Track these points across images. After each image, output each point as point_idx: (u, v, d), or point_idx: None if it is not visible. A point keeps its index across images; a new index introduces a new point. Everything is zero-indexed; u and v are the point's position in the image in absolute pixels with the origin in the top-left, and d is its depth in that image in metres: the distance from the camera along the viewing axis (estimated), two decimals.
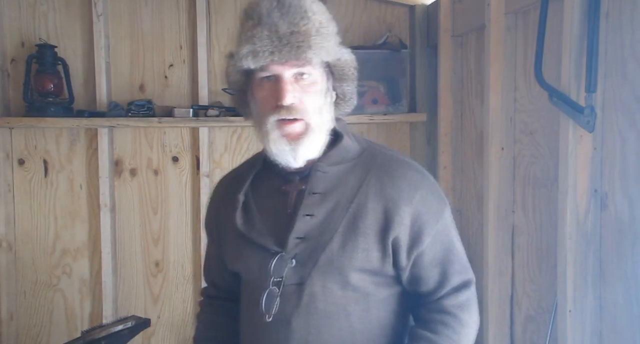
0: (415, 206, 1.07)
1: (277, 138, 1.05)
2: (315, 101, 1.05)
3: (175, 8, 2.57)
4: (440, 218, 1.09)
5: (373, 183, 1.08)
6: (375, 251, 1.06)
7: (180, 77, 2.59)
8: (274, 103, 1.03)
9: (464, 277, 1.12)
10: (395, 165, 1.11)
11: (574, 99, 1.37)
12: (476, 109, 2.16)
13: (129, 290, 2.62)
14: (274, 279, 1.05)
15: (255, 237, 1.09)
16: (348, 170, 1.10)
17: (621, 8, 1.30)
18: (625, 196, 1.30)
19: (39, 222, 2.58)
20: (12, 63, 2.53)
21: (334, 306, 1.06)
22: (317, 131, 1.06)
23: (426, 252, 1.08)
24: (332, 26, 1.06)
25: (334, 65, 1.08)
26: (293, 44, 0.99)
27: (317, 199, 1.07)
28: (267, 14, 1.00)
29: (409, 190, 1.07)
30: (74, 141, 2.57)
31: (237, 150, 2.62)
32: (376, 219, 1.06)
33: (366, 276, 1.07)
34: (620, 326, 1.32)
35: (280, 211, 1.10)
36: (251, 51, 1.00)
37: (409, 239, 1.06)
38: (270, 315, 1.05)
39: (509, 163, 1.84)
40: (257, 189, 1.15)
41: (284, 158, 1.07)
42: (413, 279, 1.10)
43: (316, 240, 1.05)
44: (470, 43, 2.21)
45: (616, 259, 1.33)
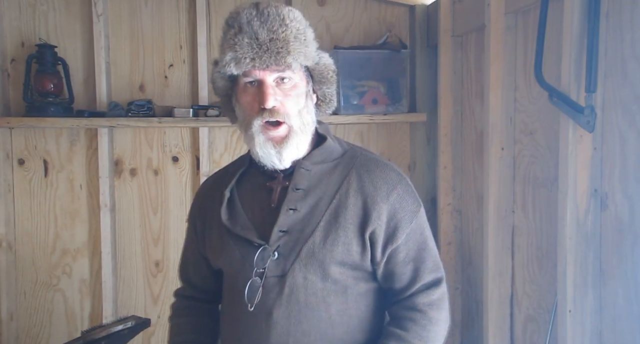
0: (392, 204, 1.13)
1: (263, 142, 1.11)
2: (297, 104, 1.11)
3: (175, 8, 2.57)
4: (415, 217, 1.15)
5: (353, 180, 1.14)
6: (355, 245, 1.11)
7: (180, 77, 2.59)
8: (257, 106, 1.09)
9: (435, 275, 1.17)
10: (375, 165, 1.18)
11: (574, 99, 1.38)
12: (476, 109, 2.16)
13: (129, 290, 2.62)
14: (256, 271, 1.10)
15: (239, 231, 1.14)
16: (330, 169, 1.16)
17: (621, 8, 1.30)
18: (625, 196, 1.30)
19: (39, 222, 2.58)
20: (12, 63, 2.53)
21: (314, 297, 1.10)
22: (299, 133, 1.12)
23: (400, 249, 1.14)
24: (309, 32, 1.13)
25: (313, 69, 1.16)
26: (273, 50, 1.06)
27: (301, 194, 1.13)
28: (247, 23, 1.07)
29: (386, 188, 1.14)
30: (74, 141, 2.57)
31: (237, 150, 2.62)
32: (356, 214, 1.12)
33: (346, 269, 1.12)
34: (620, 326, 1.32)
35: (265, 206, 1.15)
36: (233, 58, 1.08)
37: (384, 234, 1.12)
38: (253, 305, 1.09)
39: (509, 163, 1.84)
40: (243, 186, 1.20)
41: (269, 160, 1.13)
42: (387, 275, 1.16)
43: (299, 233, 1.11)
44: (470, 43, 2.21)
45: (616, 259, 1.33)
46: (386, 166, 1.19)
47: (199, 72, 2.52)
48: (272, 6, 1.10)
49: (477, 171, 2.14)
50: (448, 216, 2.38)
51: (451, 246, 2.36)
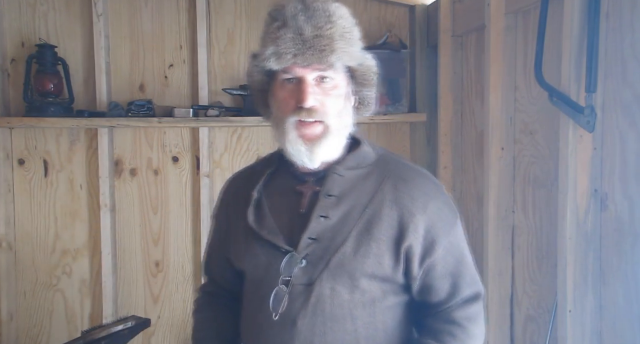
0: (429, 216, 1.07)
1: (295, 139, 1.06)
2: (336, 104, 1.06)
3: (175, 8, 2.57)
4: (452, 229, 1.10)
5: (388, 190, 1.08)
6: (387, 258, 1.06)
7: (180, 77, 2.59)
8: (295, 104, 1.04)
9: (474, 289, 1.12)
10: (411, 174, 1.12)
11: (574, 99, 1.38)
12: (476, 109, 2.16)
13: (129, 290, 2.62)
14: (282, 278, 1.05)
15: (266, 235, 1.09)
16: (364, 175, 1.11)
17: (621, 9, 1.30)
18: (625, 196, 1.30)
19: (39, 222, 2.58)
20: (12, 63, 2.53)
21: (340, 309, 1.06)
22: (335, 134, 1.07)
23: (438, 263, 1.09)
24: (355, 31, 1.09)
25: (355, 70, 1.10)
26: (316, 47, 1.01)
27: (333, 201, 1.07)
28: (292, 17, 1.02)
29: (423, 200, 1.08)
30: (74, 141, 2.57)
31: (237, 150, 2.62)
32: (390, 227, 1.06)
33: (375, 282, 1.07)
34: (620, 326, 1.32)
35: (293, 211, 1.10)
36: (275, 52, 1.02)
37: (421, 248, 1.07)
38: (277, 313, 1.05)
39: (509, 163, 1.84)
40: (271, 187, 1.15)
41: (300, 158, 1.07)
42: (424, 289, 1.10)
43: (328, 242, 1.06)
44: (470, 43, 2.21)
45: (616, 259, 1.33)
46: (422, 175, 1.14)
47: (199, 72, 2.52)
48: (319, 1, 1.04)
49: (477, 171, 2.14)
50: None
51: None
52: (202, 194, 2.54)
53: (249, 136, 2.62)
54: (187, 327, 2.65)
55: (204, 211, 2.55)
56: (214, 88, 2.58)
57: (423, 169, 1.18)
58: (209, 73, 2.56)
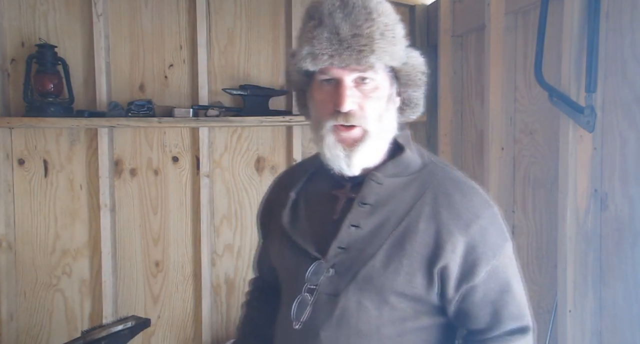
0: (471, 236, 0.98)
1: (332, 143, 1.00)
2: (376, 107, 0.99)
3: (175, 8, 2.57)
4: (498, 253, 1.00)
5: (428, 203, 1.00)
6: (419, 277, 0.98)
7: (180, 77, 2.59)
8: (332, 108, 0.98)
9: (519, 323, 1.02)
10: (456, 187, 1.02)
11: (574, 99, 1.38)
12: (476, 109, 2.16)
13: (129, 290, 2.62)
14: (308, 286, 1.01)
15: (298, 239, 1.05)
16: (404, 185, 1.03)
17: (621, 9, 1.30)
18: (625, 196, 1.30)
19: (39, 222, 2.58)
20: (12, 63, 2.53)
21: (367, 325, 0.99)
22: (374, 139, 1.00)
23: (478, 288, 0.99)
24: (398, 28, 1.01)
25: (399, 70, 1.03)
26: (354, 47, 0.94)
27: (367, 210, 1.01)
28: (329, 15, 0.95)
29: (467, 217, 0.99)
30: (74, 141, 2.57)
31: (237, 150, 2.62)
32: (425, 243, 0.98)
33: (406, 300, 1.00)
34: (620, 326, 1.32)
35: (326, 217, 1.05)
36: (310, 53, 0.96)
37: (459, 271, 0.98)
38: (299, 323, 1.01)
39: (509, 163, 1.84)
40: (310, 189, 1.11)
41: (337, 164, 1.01)
42: (460, 314, 1.02)
43: (358, 253, 0.99)
44: (470, 43, 2.21)
45: (616, 259, 1.33)
46: (470, 190, 1.03)
47: (199, 72, 2.52)
48: None
49: (477, 171, 2.14)
50: None
51: None
52: (202, 194, 2.54)
53: (249, 136, 2.62)
54: (187, 327, 2.65)
55: (204, 211, 2.55)
56: (214, 88, 2.58)
57: (474, 183, 1.06)
58: (209, 73, 2.56)
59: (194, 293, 2.63)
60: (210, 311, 2.59)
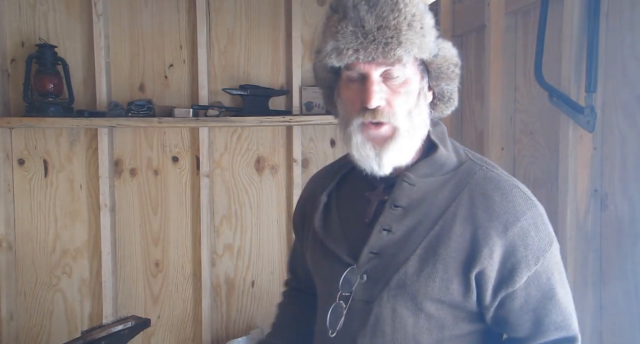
0: (511, 239, 0.92)
1: (361, 143, 0.95)
2: (406, 103, 0.94)
3: (175, 8, 2.57)
4: (541, 257, 0.94)
5: (464, 204, 0.95)
6: (455, 283, 0.93)
7: (180, 77, 2.59)
8: (359, 105, 0.94)
9: (564, 333, 0.96)
10: (496, 186, 0.96)
11: (574, 99, 1.37)
12: (476, 109, 2.16)
13: (129, 290, 2.62)
14: (342, 294, 0.98)
15: (330, 243, 1.02)
16: (439, 185, 0.98)
17: (621, 8, 1.30)
18: (625, 196, 1.30)
19: (39, 222, 2.58)
20: (12, 63, 2.53)
21: (403, 333, 0.96)
22: (405, 136, 0.95)
23: (517, 295, 0.94)
24: (427, 18, 0.94)
25: (430, 63, 0.97)
26: (380, 40, 0.89)
27: (399, 213, 0.96)
28: (353, 7, 0.90)
29: (506, 219, 0.93)
30: (74, 141, 2.57)
31: (237, 150, 2.62)
32: (461, 248, 0.93)
33: (444, 307, 0.95)
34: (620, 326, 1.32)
35: (358, 220, 1.01)
36: (335, 48, 0.91)
37: (497, 276, 0.93)
38: (334, 331, 0.98)
39: (509, 163, 1.84)
40: (343, 191, 1.08)
41: (367, 165, 0.96)
42: (499, 321, 0.98)
43: (391, 258, 0.96)
44: (470, 43, 2.21)
45: (616, 259, 1.33)
46: (512, 189, 0.96)
47: (199, 72, 2.52)
48: None
49: None
50: None
51: None
52: (202, 194, 2.55)
53: (249, 136, 2.62)
54: (187, 327, 2.65)
55: (204, 211, 2.55)
56: (214, 88, 2.58)
57: (517, 181, 0.99)
58: (209, 73, 2.56)
59: (194, 293, 2.63)
60: (210, 311, 2.59)
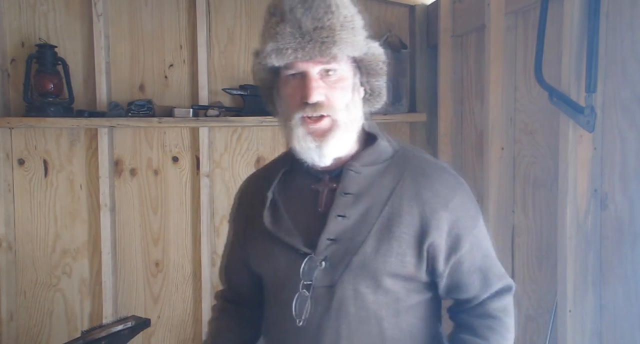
0: (453, 211, 1.04)
1: (303, 135, 1.02)
2: (343, 97, 1.02)
3: (175, 8, 2.57)
4: (477, 223, 1.07)
5: (408, 186, 1.05)
6: (409, 256, 1.02)
7: (180, 77, 2.59)
8: (299, 100, 1.01)
9: (504, 282, 1.10)
10: (431, 168, 1.08)
11: (574, 99, 1.38)
12: (476, 109, 2.16)
13: (129, 290, 2.62)
14: (304, 283, 1.02)
15: (283, 237, 1.06)
16: (381, 171, 1.07)
17: (621, 8, 1.30)
18: (625, 196, 1.30)
19: (39, 222, 2.58)
20: (12, 63, 2.53)
21: (365, 311, 1.03)
22: (344, 128, 1.03)
23: (465, 259, 1.05)
24: (358, 20, 1.04)
25: (361, 60, 1.06)
26: (317, 40, 0.96)
27: (350, 199, 1.04)
28: (290, 10, 0.98)
29: (446, 194, 1.05)
30: (74, 141, 2.57)
31: (237, 150, 2.62)
32: (411, 224, 1.02)
33: (399, 281, 1.04)
34: (620, 326, 1.32)
35: (310, 210, 1.07)
36: (275, 49, 0.98)
37: (446, 245, 1.04)
38: (301, 319, 1.03)
39: (509, 163, 1.84)
40: (286, 188, 1.12)
41: (309, 156, 1.03)
42: (452, 286, 1.08)
43: (348, 242, 1.02)
44: (470, 43, 2.21)
45: (616, 259, 1.33)
46: (443, 170, 1.09)
47: (199, 72, 2.52)
48: None
49: (477, 171, 2.14)
50: None
51: None
52: (202, 194, 2.54)
53: (249, 136, 2.62)
54: (187, 327, 2.65)
55: (204, 211, 2.55)
56: (214, 88, 2.58)
57: (444, 163, 1.13)
58: (209, 73, 2.56)
59: (194, 293, 2.63)
60: (210, 311, 2.59)
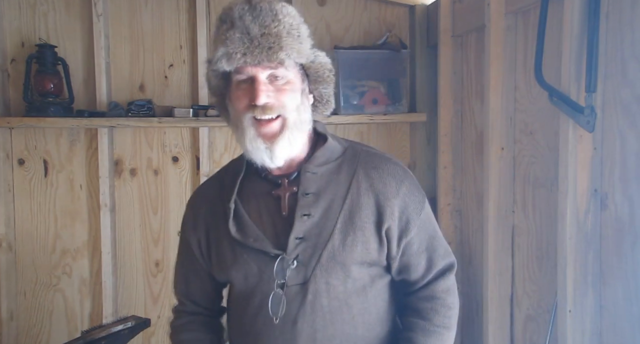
0: (402, 198, 1.13)
1: (253, 137, 1.07)
2: (293, 99, 1.08)
3: (175, 8, 2.57)
4: (423, 208, 1.17)
5: (362, 179, 1.13)
6: (373, 243, 1.11)
7: (180, 77, 2.59)
8: (249, 102, 1.06)
9: (447, 261, 1.20)
10: (379, 161, 1.17)
11: (574, 99, 1.38)
12: (476, 109, 2.16)
13: (129, 290, 2.62)
14: (277, 282, 1.08)
15: (252, 243, 1.11)
16: (335, 169, 1.14)
17: (621, 8, 1.30)
18: (625, 196, 1.30)
19: (39, 222, 2.58)
20: (12, 63, 2.53)
21: (336, 301, 1.10)
22: (294, 129, 1.08)
23: (413, 241, 1.15)
24: (303, 29, 1.10)
25: (308, 68, 1.12)
26: (264, 45, 1.03)
27: (312, 199, 1.10)
28: (239, 18, 1.04)
29: (395, 183, 1.14)
30: (74, 141, 2.57)
31: (237, 150, 2.62)
32: (370, 213, 1.11)
33: (364, 268, 1.12)
34: (620, 326, 1.33)
35: (274, 215, 1.12)
36: (225, 53, 1.04)
37: (398, 229, 1.13)
38: (278, 317, 1.08)
39: (509, 163, 1.84)
40: (245, 194, 1.16)
41: (260, 157, 1.09)
42: (402, 267, 1.17)
43: (316, 238, 1.09)
44: (470, 43, 2.21)
45: (616, 259, 1.33)
46: (390, 161, 1.18)
47: (199, 72, 2.52)
48: (265, 1, 1.06)
49: (477, 171, 2.14)
50: (448, 216, 2.38)
51: (451, 246, 2.35)
52: None
53: None
54: None
55: None
56: None
57: (390, 155, 1.22)
58: None
59: None
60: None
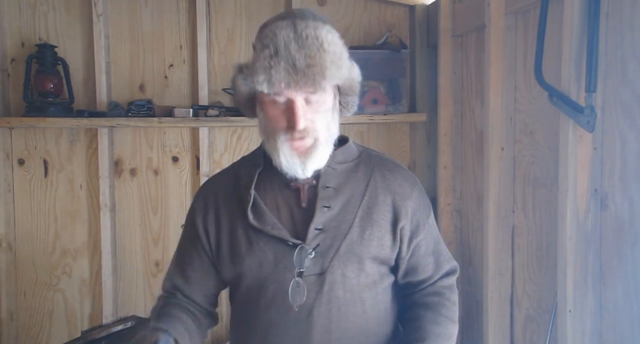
0: (414, 201, 1.19)
1: (288, 152, 1.10)
2: (325, 119, 1.11)
3: (175, 8, 2.57)
4: (430, 213, 1.23)
5: (378, 179, 1.19)
6: (387, 239, 1.15)
7: (180, 77, 2.59)
8: (286, 124, 1.08)
9: (451, 264, 1.26)
10: (393, 165, 1.24)
11: (574, 99, 1.38)
12: (476, 109, 2.16)
13: (129, 290, 2.62)
14: (297, 270, 1.10)
15: (270, 231, 1.12)
16: (352, 168, 1.19)
17: (621, 8, 1.30)
18: (625, 196, 1.30)
19: (39, 222, 2.58)
20: (12, 63, 2.53)
21: (350, 293, 1.12)
22: (324, 144, 1.12)
23: (422, 243, 1.20)
24: (345, 53, 1.11)
25: (342, 84, 1.14)
26: (309, 76, 1.04)
27: (332, 192, 1.14)
28: (285, 46, 1.04)
29: (408, 187, 1.20)
30: (74, 141, 2.57)
31: (237, 150, 2.62)
32: (387, 211, 1.16)
33: (376, 264, 1.16)
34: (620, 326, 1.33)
35: (293, 206, 1.15)
36: (267, 80, 1.04)
37: (409, 230, 1.17)
38: (297, 306, 1.09)
39: (509, 163, 1.84)
40: (262, 186, 1.18)
41: (294, 170, 1.12)
42: (410, 269, 1.21)
43: (335, 230, 1.12)
44: (470, 43, 2.21)
45: (616, 259, 1.33)
46: (401, 167, 1.25)
47: (199, 72, 2.52)
48: (310, 27, 1.06)
49: (477, 171, 2.14)
50: (448, 216, 2.38)
51: (451, 246, 2.36)
52: None
53: (249, 136, 2.62)
54: None
55: None
56: (214, 88, 2.58)
57: (398, 161, 1.29)
58: (209, 73, 2.56)
59: None
60: None
